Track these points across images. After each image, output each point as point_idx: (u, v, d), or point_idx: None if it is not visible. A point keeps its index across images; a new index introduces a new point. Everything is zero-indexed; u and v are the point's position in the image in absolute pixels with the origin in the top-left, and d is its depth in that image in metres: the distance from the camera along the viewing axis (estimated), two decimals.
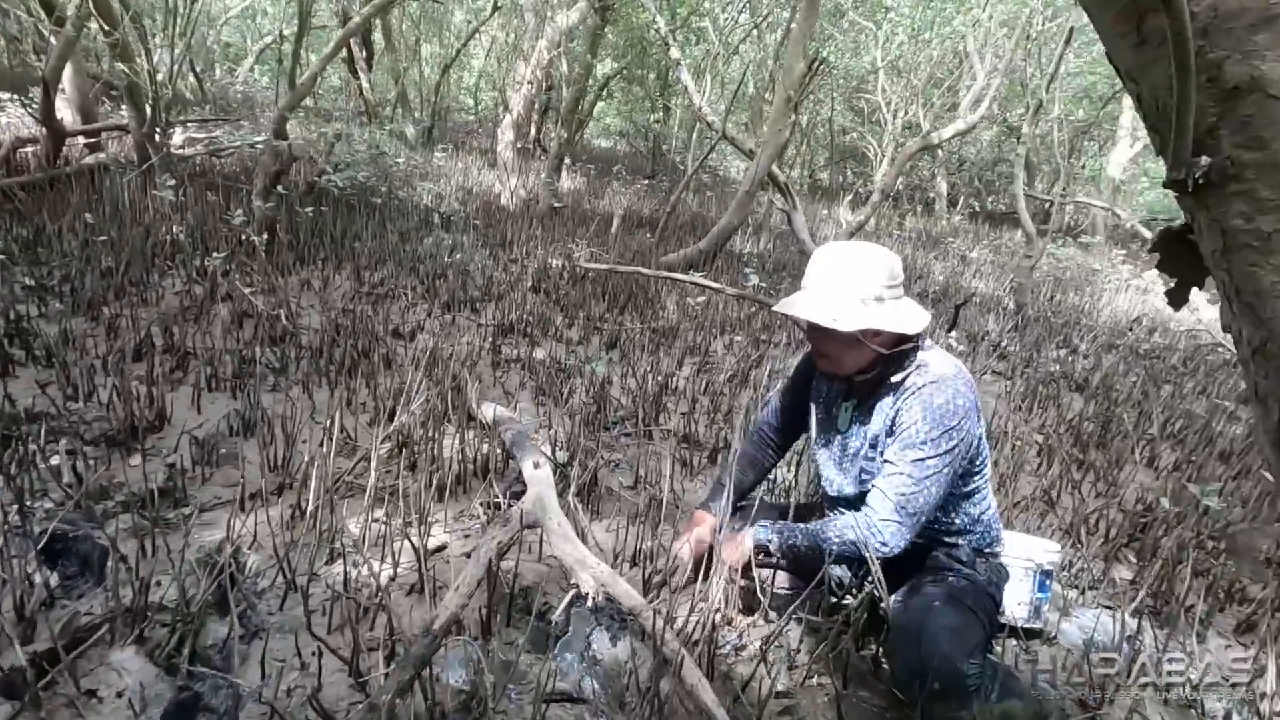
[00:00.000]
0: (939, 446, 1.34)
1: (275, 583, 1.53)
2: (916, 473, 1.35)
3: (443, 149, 9.41)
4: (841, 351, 1.43)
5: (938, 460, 1.34)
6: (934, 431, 1.34)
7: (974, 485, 1.47)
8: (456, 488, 2.03)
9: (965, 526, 1.49)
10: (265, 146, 4.11)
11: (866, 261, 1.38)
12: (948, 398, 1.34)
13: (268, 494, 1.85)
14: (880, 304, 1.37)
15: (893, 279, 1.39)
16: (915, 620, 1.33)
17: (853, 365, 1.45)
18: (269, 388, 2.47)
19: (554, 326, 3.58)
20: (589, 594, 1.40)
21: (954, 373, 1.38)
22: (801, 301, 1.41)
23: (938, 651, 1.25)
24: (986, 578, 1.47)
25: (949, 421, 1.33)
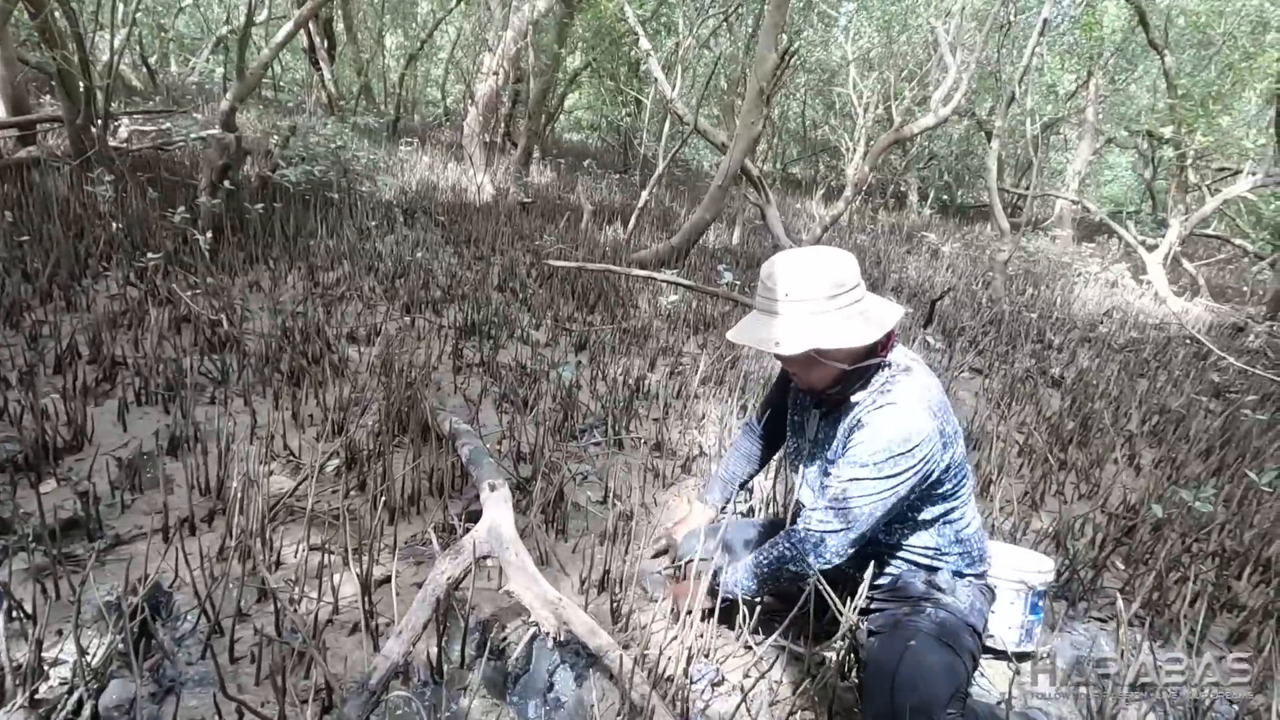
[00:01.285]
0: (880, 470, 1.25)
1: (198, 626, 1.36)
2: (853, 490, 1.27)
3: (407, 143, 9.14)
4: (805, 370, 1.35)
5: (877, 484, 1.26)
6: (879, 455, 1.25)
7: (950, 507, 1.37)
8: (410, 508, 1.87)
9: (945, 548, 1.39)
10: (211, 139, 3.87)
11: (808, 273, 1.28)
12: (903, 423, 1.25)
13: (196, 522, 1.67)
14: (829, 315, 1.27)
15: (840, 286, 1.28)
16: (888, 663, 1.22)
17: (822, 381, 1.36)
18: (206, 400, 2.28)
19: (520, 328, 3.42)
20: (549, 633, 1.27)
21: (919, 395, 1.27)
22: (748, 326, 1.34)
23: (911, 702, 1.15)
24: (969, 604, 1.37)
25: (897, 448, 1.24)
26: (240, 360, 2.52)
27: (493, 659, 1.40)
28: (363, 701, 1.07)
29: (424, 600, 1.25)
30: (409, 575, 1.63)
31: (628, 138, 12.55)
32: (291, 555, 1.60)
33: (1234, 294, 8.30)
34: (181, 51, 14.60)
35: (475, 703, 1.31)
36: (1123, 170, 15.13)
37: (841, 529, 1.29)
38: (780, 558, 1.35)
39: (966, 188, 14.61)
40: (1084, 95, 10.68)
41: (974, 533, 1.42)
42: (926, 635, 1.25)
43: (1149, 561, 2.10)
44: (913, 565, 1.41)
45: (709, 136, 5.62)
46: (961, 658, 1.25)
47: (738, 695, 1.38)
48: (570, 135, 17.26)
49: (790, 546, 1.34)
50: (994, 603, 1.49)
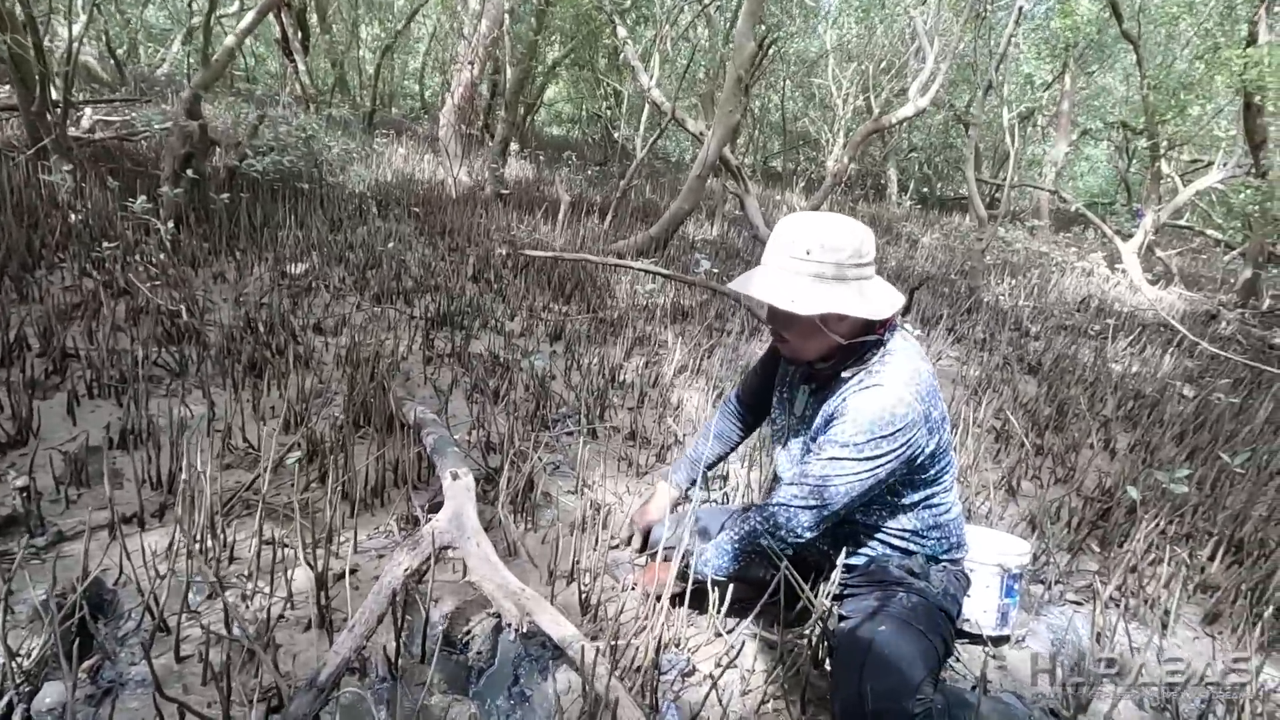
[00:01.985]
0: (862, 451, 1.21)
1: (142, 625, 1.30)
2: (832, 469, 1.23)
3: (383, 135, 8.99)
4: (802, 337, 1.29)
5: (858, 464, 1.22)
6: (860, 436, 1.21)
7: (932, 493, 1.34)
8: (373, 500, 1.81)
9: (923, 532, 1.36)
10: (172, 127, 3.76)
11: (833, 235, 1.22)
12: (888, 405, 1.20)
13: (146, 517, 1.60)
14: (844, 284, 1.22)
15: (861, 256, 1.24)
16: (858, 649, 1.19)
17: (815, 352, 1.31)
18: (162, 393, 2.19)
19: (494, 318, 3.36)
20: (511, 625, 1.22)
21: (907, 378, 1.23)
22: (758, 280, 1.25)
23: (879, 690, 1.12)
24: (943, 588, 1.34)
25: (880, 430, 1.20)
26: (200, 352, 2.44)
27: (454, 653, 1.35)
28: (310, 699, 1.02)
29: (379, 593, 1.20)
30: (370, 569, 1.58)
31: (607, 130, 12.47)
32: (246, 550, 1.53)
33: (1206, 282, 8.42)
34: (151, 42, 14.26)
35: (435, 698, 1.26)
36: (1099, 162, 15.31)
37: (816, 506, 1.25)
38: (752, 532, 1.31)
39: (945, 180, 14.70)
40: (1060, 87, 10.77)
41: (953, 519, 1.40)
42: (898, 620, 1.22)
43: (1124, 544, 2.10)
44: (889, 548, 1.38)
45: (687, 126, 5.57)
46: (933, 642, 1.22)
47: (709, 685, 1.34)
48: (551, 129, 17.13)
49: (763, 520, 1.30)
50: (969, 588, 1.46)
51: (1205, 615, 1.87)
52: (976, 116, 5.99)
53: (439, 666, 1.32)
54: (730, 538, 1.36)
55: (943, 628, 1.28)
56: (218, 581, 1.28)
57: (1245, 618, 1.81)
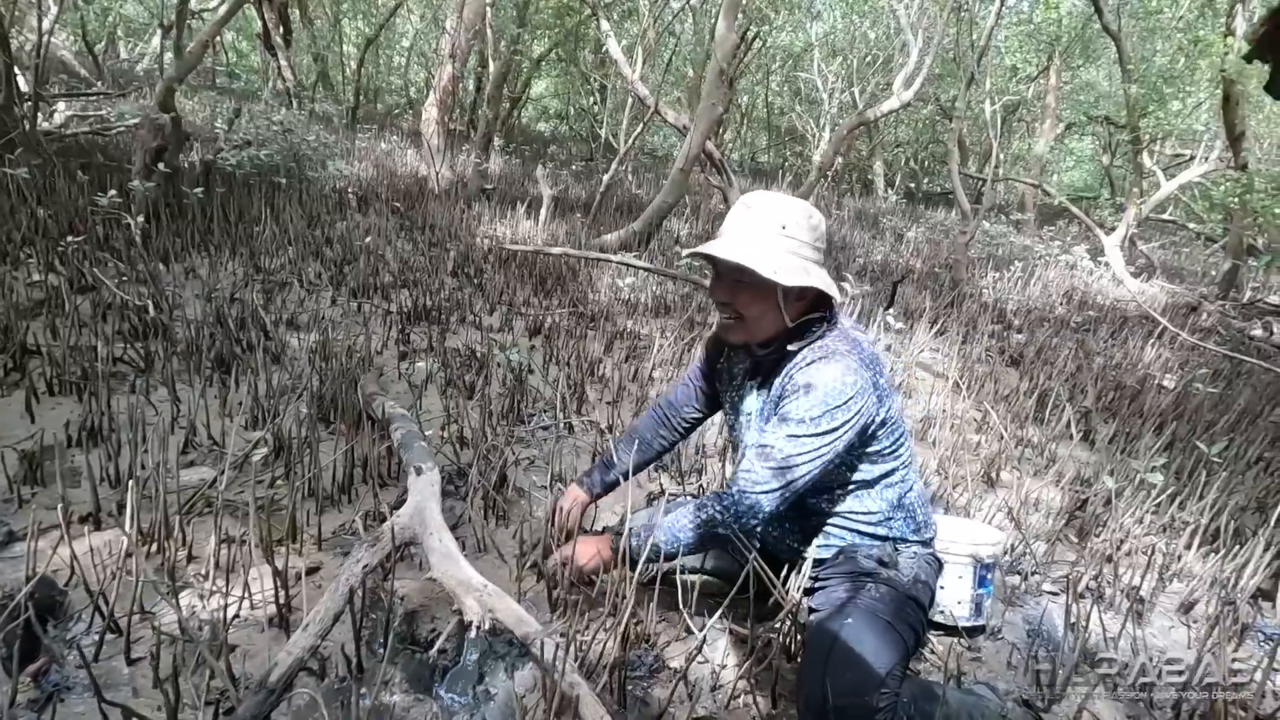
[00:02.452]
0: (818, 426, 1.19)
1: (92, 626, 1.26)
2: (790, 448, 1.20)
3: (367, 130, 8.91)
4: (759, 313, 1.26)
5: (814, 440, 1.20)
6: (815, 410, 1.19)
7: (889, 468, 1.33)
8: (340, 497, 1.78)
9: (888, 513, 1.35)
10: (143, 119, 3.69)
11: (805, 215, 1.23)
12: (835, 375, 1.19)
13: (103, 516, 1.56)
14: (809, 263, 1.23)
15: (822, 240, 1.26)
16: (822, 646, 1.17)
17: (763, 332, 1.29)
18: (127, 390, 2.14)
19: (472, 313, 3.32)
20: (473, 622, 1.19)
21: (848, 348, 1.24)
22: (738, 245, 1.21)
23: (842, 686, 1.10)
24: (912, 576, 1.32)
25: (832, 400, 1.19)
26: (168, 348, 2.39)
27: (418, 651, 1.32)
28: (259, 701, 0.98)
29: (336, 592, 1.16)
30: (334, 567, 1.54)
31: (593, 125, 12.42)
32: (207, 549, 1.49)
33: (1188, 275, 8.49)
34: (130, 37, 14.04)
35: (397, 697, 1.23)
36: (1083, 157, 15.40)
37: (778, 488, 1.22)
38: (710, 520, 1.26)
39: (931, 175, 14.75)
40: (1044, 82, 10.82)
41: (916, 497, 1.38)
42: (865, 612, 1.20)
43: (1100, 533, 2.09)
44: (856, 535, 1.36)
45: (670, 119, 5.54)
46: (901, 633, 1.20)
47: (678, 680, 1.32)
48: (539, 125, 17.04)
49: (722, 509, 1.25)
50: (941, 573, 1.44)
51: (1181, 604, 1.86)
52: (960, 110, 5.99)
53: (401, 665, 1.29)
54: (687, 524, 1.30)
55: (913, 617, 1.26)
56: (170, 581, 1.24)
57: (1219, 605, 1.81)
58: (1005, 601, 1.76)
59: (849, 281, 3.60)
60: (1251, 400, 3.47)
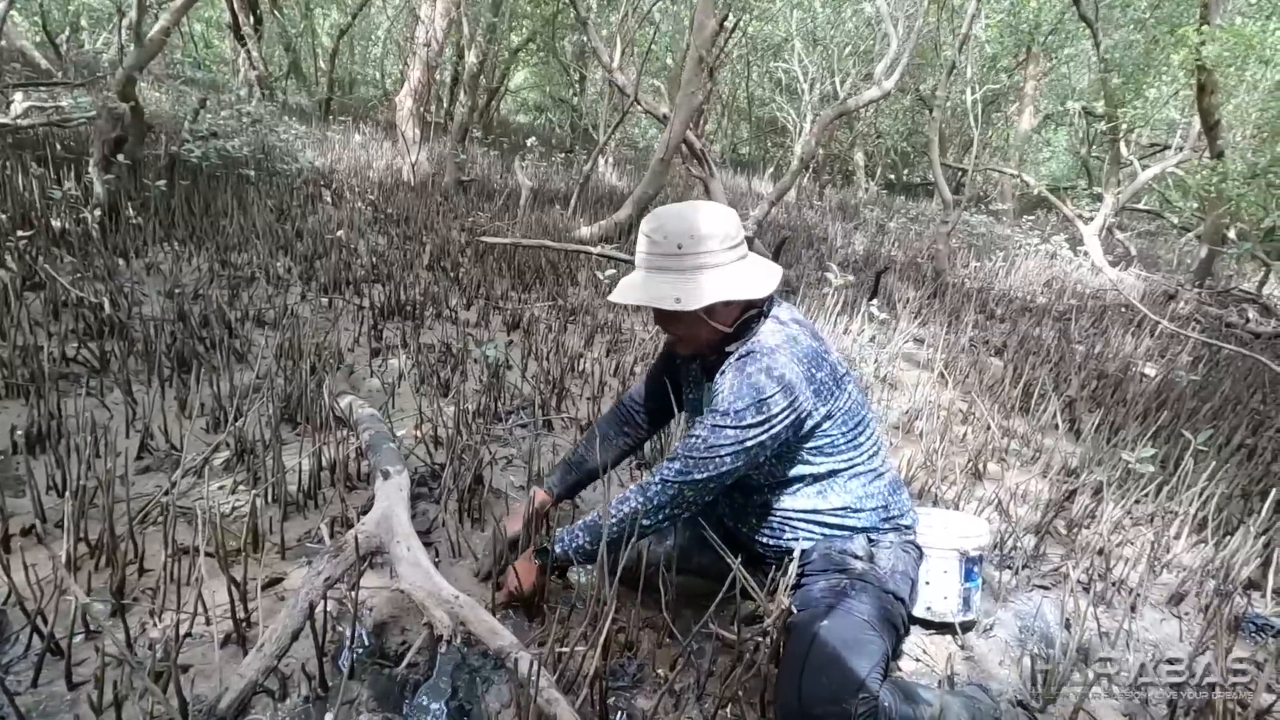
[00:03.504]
0: (741, 419, 1.18)
1: (31, 648, 1.17)
2: (713, 439, 1.20)
3: (341, 121, 8.71)
4: (693, 331, 1.27)
5: (736, 432, 1.18)
6: (739, 402, 1.18)
7: (850, 459, 1.29)
8: (306, 502, 1.69)
9: (856, 505, 1.31)
10: (100, 110, 3.53)
11: (700, 224, 1.21)
12: (761, 368, 1.19)
13: (48, 526, 1.46)
14: (722, 270, 1.21)
15: (731, 239, 1.23)
16: (798, 652, 1.14)
17: (709, 343, 1.29)
18: (81, 392, 2.03)
19: (449, 307, 3.22)
20: (443, 636, 1.12)
21: (779, 342, 1.22)
22: (639, 286, 1.23)
23: (819, 694, 1.06)
24: (889, 568, 1.29)
25: (755, 395, 1.17)
26: (126, 347, 2.27)
27: (387, 666, 1.25)
28: None
29: (295, 607, 1.08)
30: (299, 577, 1.46)
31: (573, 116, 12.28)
32: (161, 561, 1.40)
33: (1164, 263, 8.58)
34: (94, 27, 13.63)
35: (364, 717, 1.15)
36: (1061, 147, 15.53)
37: (700, 480, 1.21)
38: (633, 513, 1.24)
39: (912, 166, 14.79)
40: (1023, 72, 10.86)
41: (886, 485, 1.35)
42: (841, 614, 1.17)
43: (1089, 525, 2.07)
44: (826, 528, 1.32)
45: (650, 109, 5.46)
46: (880, 632, 1.16)
47: (663, 690, 1.26)
48: (518, 116, 16.83)
49: (645, 500, 1.24)
50: (922, 561, 1.40)
51: (1171, 596, 1.84)
52: (940, 100, 5.97)
53: (369, 682, 1.21)
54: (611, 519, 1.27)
55: (892, 612, 1.23)
56: (116, 598, 1.15)
57: (1212, 597, 1.78)
58: (997, 598, 1.72)
59: (833, 272, 3.55)
60: (1232, 387, 3.48)
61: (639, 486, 1.27)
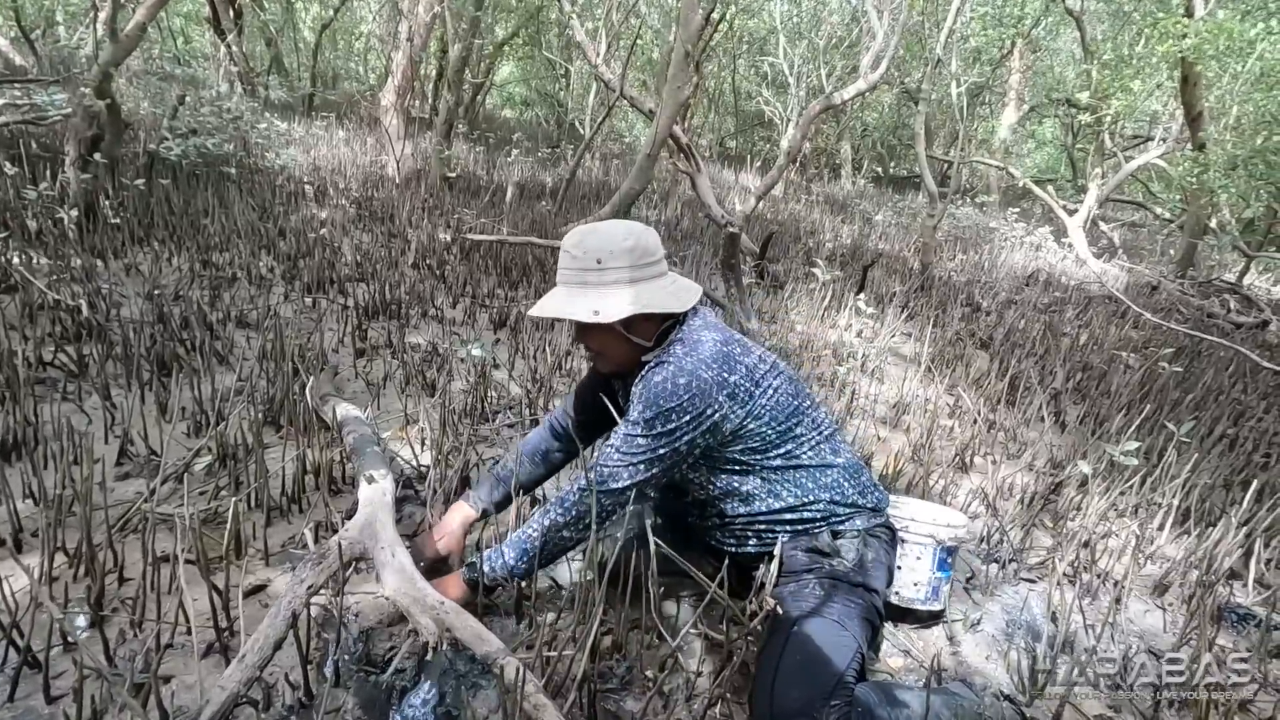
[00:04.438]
0: (652, 428, 1.21)
1: (6, 661, 1.15)
2: (627, 447, 1.24)
3: (324, 117, 8.61)
4: (613, 348, 1.30)
5: (647, 440, 1.22)
6: (646, 412, 1.21)
7: (784, 453, 1.29)
8: (290, 507, 1.67)
9: (810, 499, 1.30)
10: (77, 107, 3.47)
11: (619, 239, 1.23)
12: (666, 376, 1.21)
13: (24, 535, 1.43)
14: (642, 285, 1.24)
15: (650, 254, 1.26)
16: (768, 664, 1.14)
17: (629, 358, 1.30)
18: (57, 397, 2.00)
19: (434, 306, 3.20)
20: (429, 642, 1.11)
21: (690, 348, 1.24)
22: (558, 300, 1.26)
23: (790, 706, 1.07)
24: (857, 559, 1.28)
25: (663, 403, 1.19)
26: (104, 350, 2.24)
27: (373, 673, 1.23)
28: None
29: (277, 616, 1.07)
30: (283, 584, 1.44)
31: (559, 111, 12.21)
32: (141, 570, 1.38)
33: (1147, 255, 8.67)
34: (70, 21, 13.38)
35: None
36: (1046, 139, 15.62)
37: (617, 488, 1.24)
38: (554, 525, 1.27)
39: (898, 159, 14.83)
40: (1009, 64, 10.89)
41: (840, 472, 1.33)
42: (809, 618, 1.17)
43: (1075, 517, 2.08)
44: (785, 526, 1.32)
45: (636, 103, 5.43)
46: (851, 631, 1.17)
47: (652, 692, 1.25)
48: (504, 112, 16.72)
49: (563, 512, 1.27)
50: (894, 544, 1.40)
51: (1155, 587, 1.86)
52: (926, 92, 5.98)
53: (354, 690, 1.20)
54: (528, 535, 1.29)
55: (865, 605, 1.23)
56: (95, 608, 1.13)
57: (1195, 587, 1.80)
58: (984, 591, 1.73)
59: (819, 267, 3.55)
60: (1213, 378, 3.52)
61: (558, 499, 1.29)
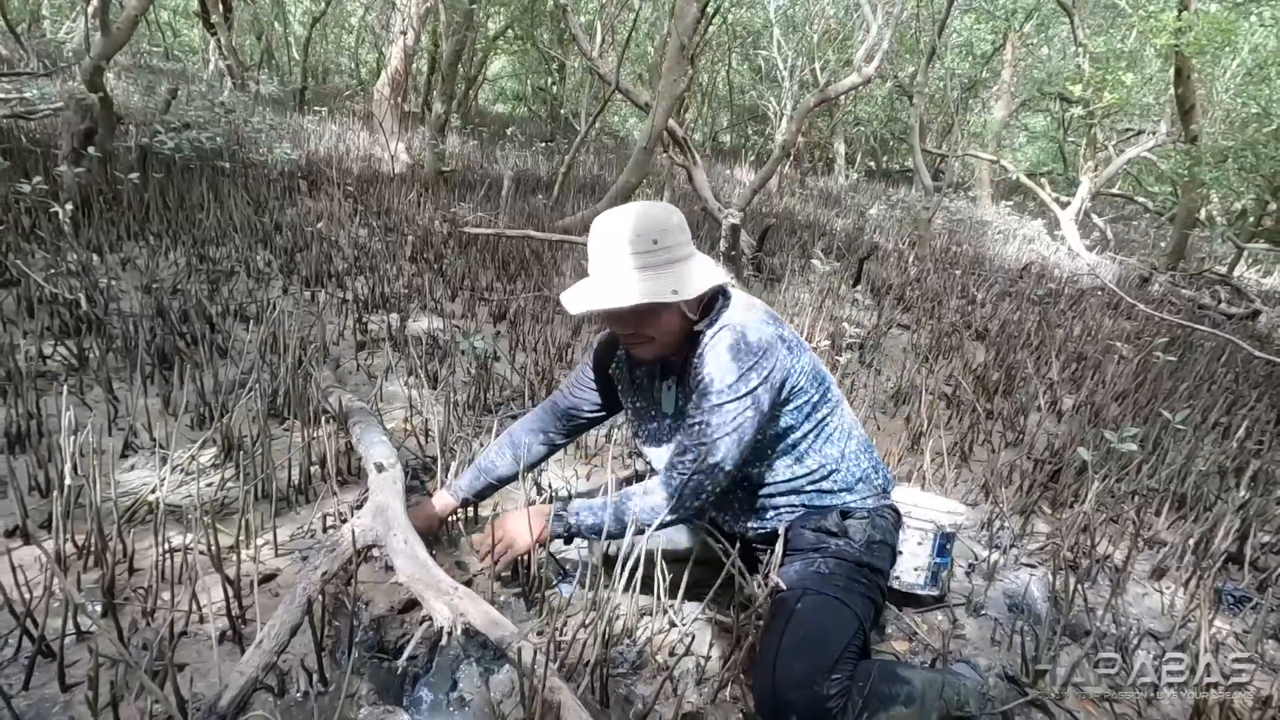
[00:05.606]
0: (738, 390, 1.18)
1: (20, 651, 1.15)
2: (715, 420, 1.19)
3: (315, 112, 8.56)
4: (671, 326, 1.24)
5: (738, 404, 1.19)
6: (729, 376, 1.18)
7: (819, 419, 1.30)
8: (297, 498, 1.67)
9: (831, 466, 1.32)
10: (69, 100, 3.44)
11: (667, 218, 1.21)
12: (737, 337, 1.20)
13: (33, 528, 1.43)
14: (694, 259, 1.23)
15: (687, 233, 1.24)
16: (772, 639, 1.15)
17: (677, 339, 1.27)
18: (58, 391, 1.99)
19: (434, 299, 3.19)
20: (444, 628, 1.11)
21: (742, 311, 1.25)
22: (597, 290, 1.20)
23: (792, 678, 1.08)
24: (864, 540, 1.30)
25: (744, 361, 1.19)
26: (104, 344, 2.23)
27: (386, 659, 1.24)
28: None
29: (291, 603, 1.07)
30: (293, 573, 1.44)
31: (553, 105, 12.18)
32: (151, 560, 1.38)
33: (1138, 247, 8.73)
34: (55, 14, 13.23)
35: (364, 710, 1.15)
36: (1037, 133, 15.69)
37: (716, 463, 1.20)
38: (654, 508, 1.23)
39: (892, 152, 14.87)
40: (1001, 58, 10.93)
41: (858, 444, 1.36)
42: (813, 594, 1.18)
43: (1074, 504, 2.11)
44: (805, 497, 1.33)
45: (632, 97, 5.42)
46: (854, 609, 1.18)
47: (663, 677, 1.27)
48: (497, 106, 16.65)
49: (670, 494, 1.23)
50: (899, 526, 1.42)
51: (1153, 570, 1.88)
52: (920, 86, 6.00)
53: (368, 675, 1.21)
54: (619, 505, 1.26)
55: (868, 585, 1.25)
56: (108, 597, 1.14)
57: (1193, 571, 1.83)
58: (986, 577, 1.75)
59: (818, 259, 3.57)
60: (1206, 368, 3.56)
61: (661, 482, 1.25)
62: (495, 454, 1.51)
